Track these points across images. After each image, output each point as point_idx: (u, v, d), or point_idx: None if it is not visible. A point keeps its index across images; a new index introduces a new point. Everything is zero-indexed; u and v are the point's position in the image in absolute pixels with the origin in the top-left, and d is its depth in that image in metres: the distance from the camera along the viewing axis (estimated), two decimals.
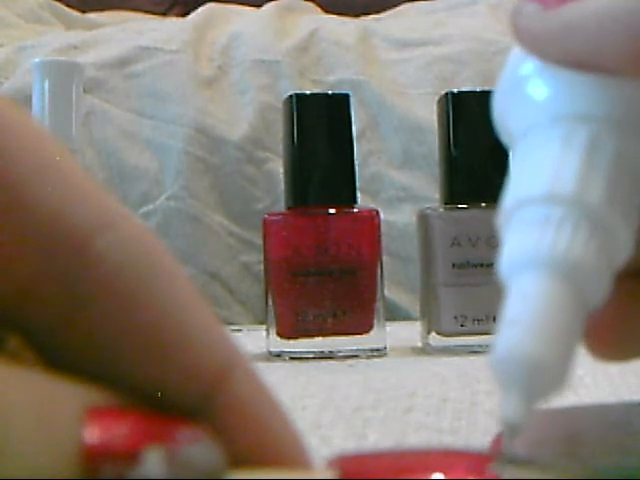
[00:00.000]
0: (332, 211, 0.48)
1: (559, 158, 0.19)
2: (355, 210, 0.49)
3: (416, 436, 0.28)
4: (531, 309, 0.18)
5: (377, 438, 0.28)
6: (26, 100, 0.53)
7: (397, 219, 0.76)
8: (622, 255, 0.19)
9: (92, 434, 0.14)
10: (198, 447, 0.15)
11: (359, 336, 0.48)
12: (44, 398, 0.14)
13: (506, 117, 0.22)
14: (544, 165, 0.20)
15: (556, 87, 0.21)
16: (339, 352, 0.47)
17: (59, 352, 0.15)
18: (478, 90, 0.51)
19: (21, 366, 0.14)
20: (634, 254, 0.20)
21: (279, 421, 0.17)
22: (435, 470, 0.17)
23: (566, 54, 0.20)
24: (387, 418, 0.30)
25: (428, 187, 0.76)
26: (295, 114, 0.49)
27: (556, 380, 0.17)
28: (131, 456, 0.14)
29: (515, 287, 0.18)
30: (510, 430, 0.17)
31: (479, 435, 0.28)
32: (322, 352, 0.47)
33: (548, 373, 0.17)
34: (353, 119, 0.50)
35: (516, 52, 0.22)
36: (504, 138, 0.23)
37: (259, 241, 0.52)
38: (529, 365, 0.17)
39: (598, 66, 0.19)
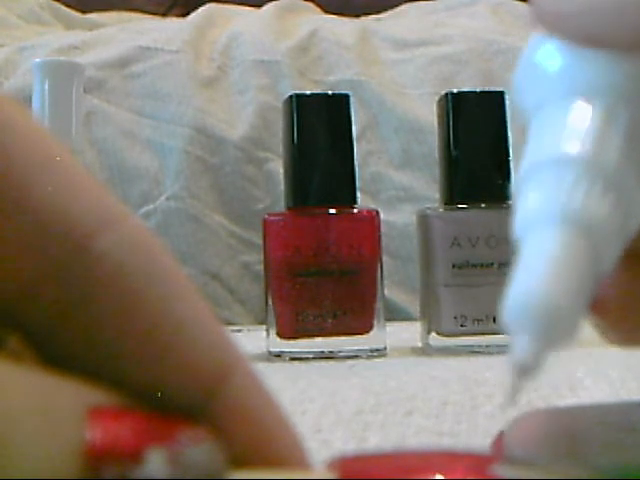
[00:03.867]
0: (332, 211, 0.48)
1: (574, 124, 0.19)
2: (355, 210, 0.49)
3: (416, 439, 0.28)
4: (545, 258, 0.18)
5: (377, 442, 0.28)
6: (26, 100, 0.53)
7: (397, 219, 0.76)
8: (636, 219, 0.19)
9: (94, 434, 0.14)
10: (200, 448, 0.15)
11: (359, 336, 0.48)
12: (46, 398, 0.14)
13: (524, 96, 0.22)
14: (559, 130, 0.19)
15: (573, 64, 0.21)
16: (339, 352, 0.47)
17: (59, 352, 0.15)
18: (478, 90, 0.51)
19: (22, 366, 0.14)
20: None
21: (278, 421, 0.17)
22: (435, 471, 0.17)
23: (583, 32, 0.20)
24: (387, 421, 0.30)
25: (428, 187, 0.76)
26: (295, 114, 0.49)
27: (568, 327, 0.17)
28: (134, 456, 0.14)
29: (529, 242, 0.18)
30: (519, 372, 0.17)
31: (479, 438, 0.28)
32: (322, 352, 0.47)
33: (560, 318, 0.17)
34: (353, 119, 0.50)
35: (535, 34, 0.22)
36: (521, 119, 0.23)
37: (259, 241, 0.52)
38: (542, 308, 0.17)
39: (615, 44, 0.20)
